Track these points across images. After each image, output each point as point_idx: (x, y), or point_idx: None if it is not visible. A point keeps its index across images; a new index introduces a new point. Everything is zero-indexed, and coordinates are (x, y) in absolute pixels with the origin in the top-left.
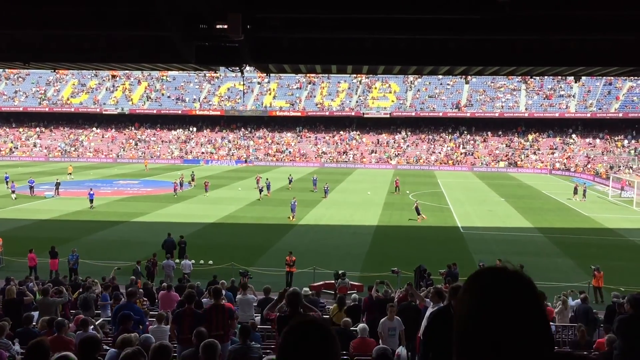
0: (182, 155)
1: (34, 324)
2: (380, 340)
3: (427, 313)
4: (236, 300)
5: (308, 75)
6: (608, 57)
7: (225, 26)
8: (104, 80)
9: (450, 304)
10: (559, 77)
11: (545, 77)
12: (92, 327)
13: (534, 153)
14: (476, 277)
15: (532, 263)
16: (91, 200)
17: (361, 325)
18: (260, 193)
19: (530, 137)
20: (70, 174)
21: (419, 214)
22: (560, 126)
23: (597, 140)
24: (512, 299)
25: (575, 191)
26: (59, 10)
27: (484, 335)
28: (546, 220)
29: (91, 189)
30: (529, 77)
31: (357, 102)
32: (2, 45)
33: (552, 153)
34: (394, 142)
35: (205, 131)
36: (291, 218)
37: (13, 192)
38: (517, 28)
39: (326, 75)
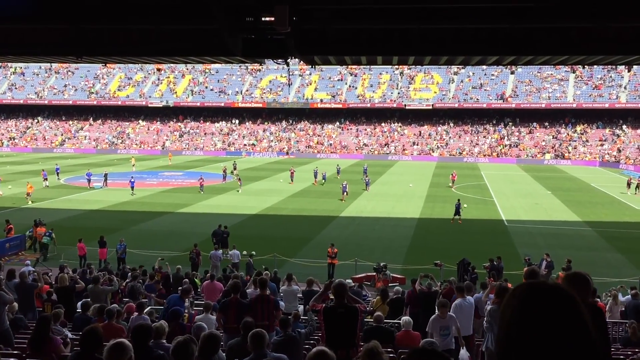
0: (224, 148)
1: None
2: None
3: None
4: (280, 292)
5: (349, 67)
6: None
7: (272, 18)
8: (149, 73)
9: None
10: (609, 66)
11: (595, 66)
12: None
13: (583, 145)
14: (518, 288)
15: (580, 257)
16: (132, 187)
17: (405, 318)
18: (320, 178)
19: (578, 128)
20: (134, 165)
21: (457, 214)
22: (610, 117)
23: None
24: (552, 311)
25: (629, 185)
26: (108, 5)
27: (525, 344)
28: (595, 213)
29: (132, 177)
30: (578, 66)
31: (398, 93)
32: (56, 41)
33: (602, 145)
34: (436, 134)
35: (247, 123)
36: (343, 200)
37: (45, 179)
38: (570, 16)
39: (367, 66)
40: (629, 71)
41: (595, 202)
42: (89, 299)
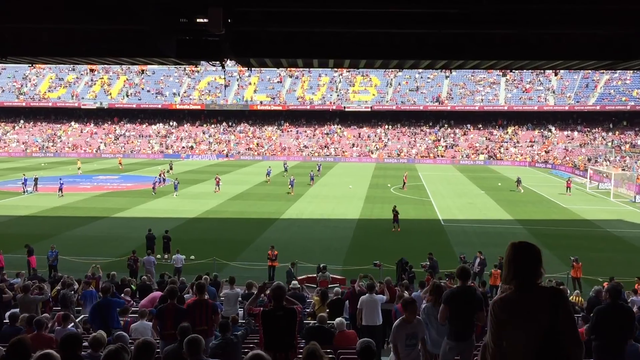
0: (162, 150)
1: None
2: (393, 355)
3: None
4: (222, 296)
5: (289, 69)
6: (586, 50)
7: (206, 20)
8: (82, 74)
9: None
10: (538, 70)
11: (524, 70)
12: (72, 324)
13: (514, 146)
14: None
15: None
16: (60, 189)
17: (338, 319)
18: (274, 174)
19: (509, 130)
20: (80, 168)
21: (396, 221)
22: (539, 119)
23: (575, 133)
24: None
25: (518, 183)
26: (36, 3)
27: None
28: (525, 212)
29: (61, 179)
30: (508, 70)
31: (338, 95)
32: None
33: (531, 146)
34: (375, 136)
35: (185, 125)
36: (291, 193)
37: None
38: (496, 22)
39: (307, 69)
40: (556, 75)
41: (525, 201)
42: (18, 309)
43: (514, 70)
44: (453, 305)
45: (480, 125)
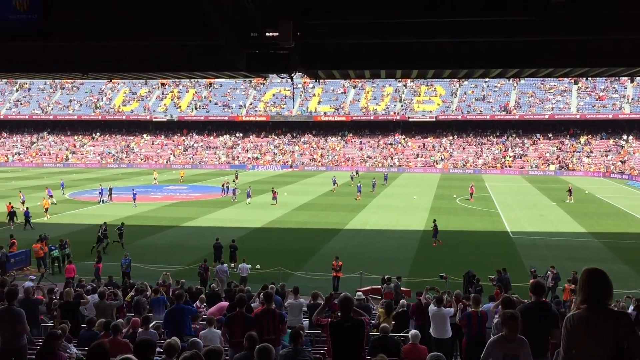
0: (228, 161)
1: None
2: None
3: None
4: (287, 305)
5: (353, 79)
6: None
7: (276, 34)
8: (153, 88)
9: None
10: (612, 77)
11: (597, 78)
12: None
13: (587, 156)
14: None
15: None
16: (134, 199)
17: (413, 331)
18: (341, 182)
19: (582, 139)
20: (156, 179)
21: (435, 236)
22: (614, 128)
23: None
24: None
25: (570, 193)
26: (113, 22)
27: None
28: (600, 225)
29: (134, 190)
30: (580, 78)
31: (402, 106)
32: (62, 58)
33: (606, 156)
34: (440, 146)
35: (251, 137)
36: (358, 199)
37: (51, 197)
38: (571, 29)
39: (371, 79)
40: (632, 82)
41: (600, 213)
42: (94, 315)
43: (588, 78)
44: (526, 321)
45: (551, 135)
